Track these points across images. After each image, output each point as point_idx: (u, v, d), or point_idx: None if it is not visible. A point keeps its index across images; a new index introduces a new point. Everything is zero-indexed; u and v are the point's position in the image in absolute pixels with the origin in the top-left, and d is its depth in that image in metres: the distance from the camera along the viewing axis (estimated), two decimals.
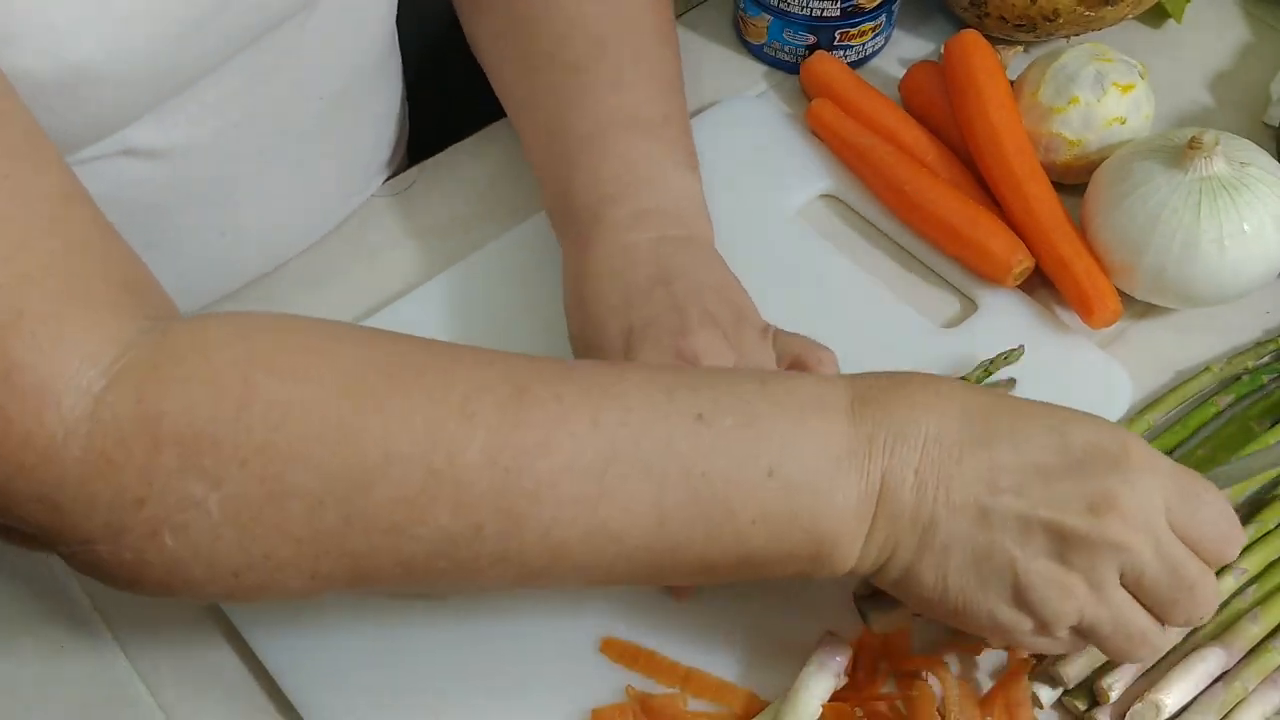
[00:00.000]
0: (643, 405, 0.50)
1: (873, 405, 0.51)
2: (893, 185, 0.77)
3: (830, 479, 0.50)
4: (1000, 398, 0.54)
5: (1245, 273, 0.70)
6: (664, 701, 0.59)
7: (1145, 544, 0.50)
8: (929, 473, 0.50)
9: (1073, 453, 0.50)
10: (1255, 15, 0.92)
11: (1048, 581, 0.50)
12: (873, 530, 0.51)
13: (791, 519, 0.50)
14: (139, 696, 0.61)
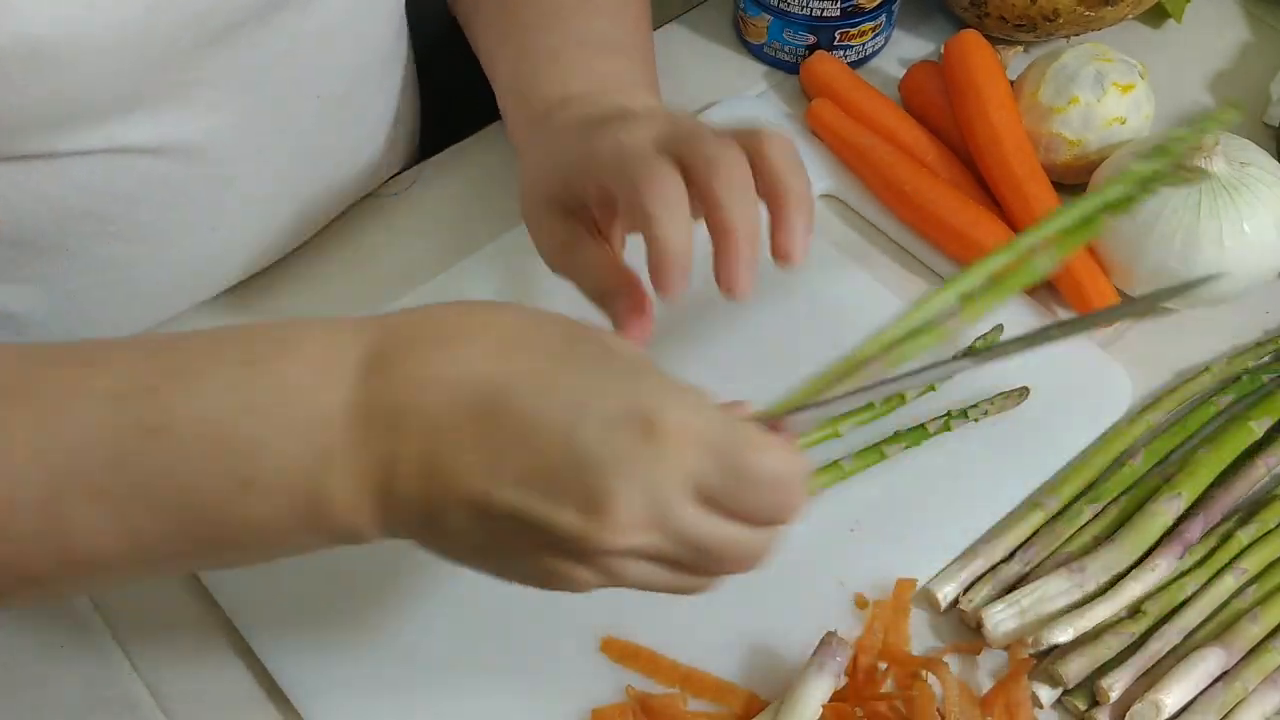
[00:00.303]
0: (90, 422, 0.45)
1: (382, 374, 0.46)
2: (893, 185, 0.77)
3: (317, 480, 0.46)
4: (532, 361, 0.46)
5: (1245, 273, 0.70)
6: (664, 701, 0.59)
7: (648, 537, 0.45)
8: (432, 460, 0.45)
9: (584, 446, 0.44)
10: (1255, 15, 0.92)
11: (551, 574, 0.47)
12: (380, 517, 0.47)
13: (284, 522, 0.46)
14: (139, 697, 0.61)
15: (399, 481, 0.46)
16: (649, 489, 0.44)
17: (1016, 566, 0.63)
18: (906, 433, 0.67)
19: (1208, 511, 0.64)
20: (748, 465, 0.45)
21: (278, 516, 0.46)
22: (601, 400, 0.45)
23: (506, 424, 0.45)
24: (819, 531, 0.65)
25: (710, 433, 0.45)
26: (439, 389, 0.45)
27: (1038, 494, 0.67)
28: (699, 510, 0.45)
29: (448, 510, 0.46)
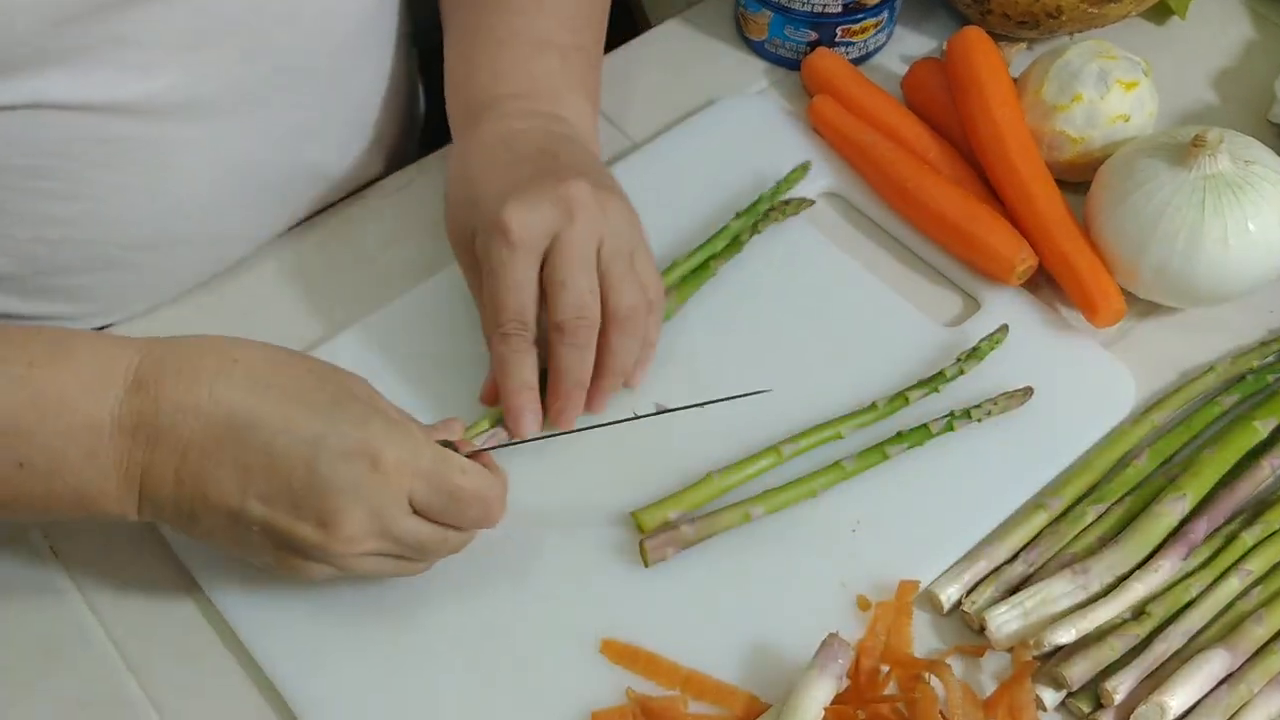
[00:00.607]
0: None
1: (146, 393, 0.54)
2: (895, 183, 0.77)
3: (84, 469, 0.54)
4: (279, 398, 0.55)
5: (1249, 272, 0.69)
6: (664, 704, 0.59)
7: (373, 544, 0.56)
8: (187, 474, 0.55)
9: (320, 474, 0.54)
10: (1260, 12, 0.91)
11: (292, 569, 0.57)
12: (144, 509, 0.56)
13: (55, 501, 0.55)
14: (135, 697, 0.61)
15: (159, 487, 0.55)
16: (373, 509, 0.55)
17: (1020, 568, 0.63)
18: (909, 433, 0.66)
19: (1212, 512, 0.64)
20: (455, 487, 0.57)
21: (50, 495, 0.55)
22: (337, 438, 0.55)
23: (255, 450, 0.54)
24: (821, 532, 0.65)
25: (424, 463, 0.56)
26: (194, 415, 0.54)
27: (1041, 495, 0.66)
28: (415, 520, 0.57)
29: (203, 514, 0.55)
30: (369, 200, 0.80)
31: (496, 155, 0.67)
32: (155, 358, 0.56)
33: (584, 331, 0.64)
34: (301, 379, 0.56)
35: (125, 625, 0.63)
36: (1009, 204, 0.76)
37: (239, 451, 0.54)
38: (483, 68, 0.72)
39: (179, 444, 0.54)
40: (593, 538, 0.64)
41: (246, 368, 0.56)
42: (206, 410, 0.54)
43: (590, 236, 0.64)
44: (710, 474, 0.65)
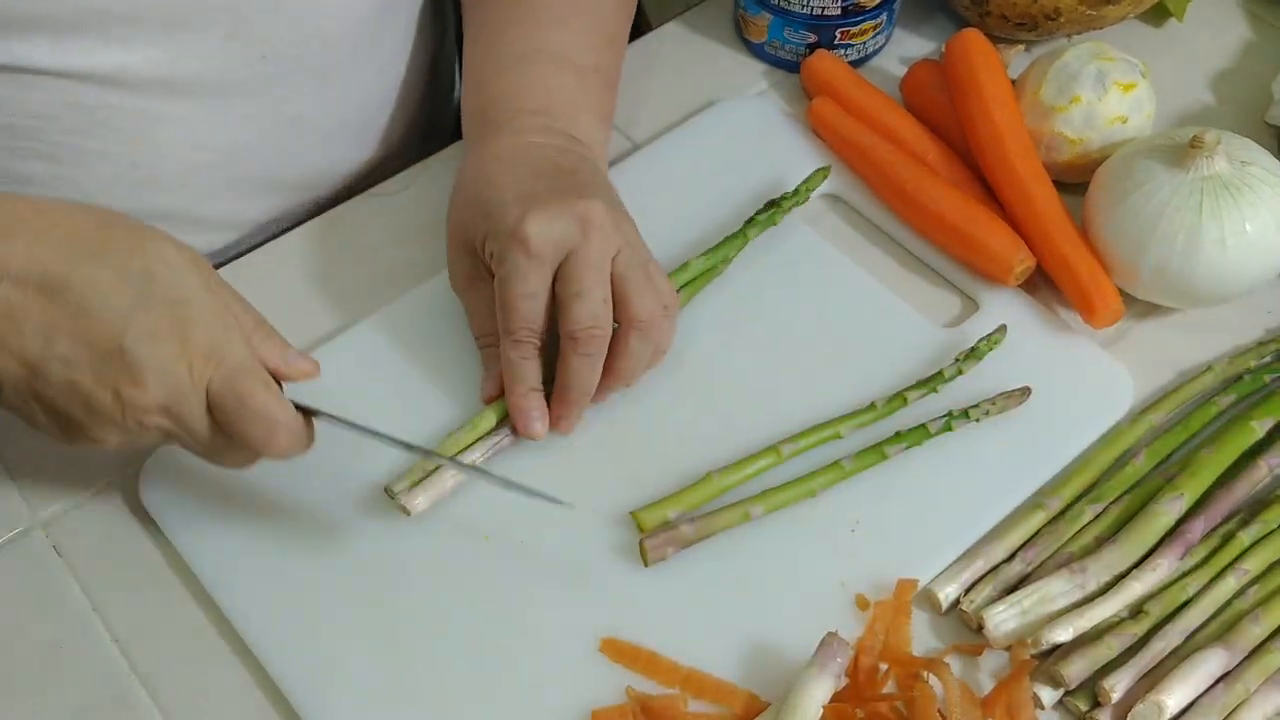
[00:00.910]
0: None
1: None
2: (894, 184, 0.77)
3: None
4: (94, 266, 0.55)
5: (1247, 272, 0.70)
6: (664, 702, 0.59)
7: (162, 419, 0.56)
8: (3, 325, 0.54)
9: (126, 339, 0.54)
10: (1257, 14, 0.92)
11: (83, 430, 0.57)
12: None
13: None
14: (138, 697, 0.61)
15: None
16: (171, 387, 0.55)
17: (1018, 567, 0.63)
18: (908, 433, 0.66)
19: (1209, 512, 0.64)
20: (248, 393, 0.56)
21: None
22: (145, 311, 0.54)
23: (63, 312, 0.54)
24: (820, 532, 0.65)
25: (230, 359, 0.56)
26: (8, 276, 0.54)
27: (1039, 494, 0.67)
28: (204, 413, 0.57)
29: (3, 360, 0.55)
30: (371, 200, 0.80)
31: (511, 167, 0.68)
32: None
33: (597, 341, 0.64)
34: (121, 245, 0.56)
35: (129, 627, 0.63)
36: (1007, 205, 0.76)
37: (47, 314, 0.54)
38: (502, 80, 0.72)
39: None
40: (592, 537, 0.65)
41: (66, 231, 0.55)
42: (18, 271, 0.54)
43: (605, 252, 0.64)
44: (710, 474, 0.65)
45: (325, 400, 0.66)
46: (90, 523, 0.66)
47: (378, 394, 0.70)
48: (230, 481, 0.66)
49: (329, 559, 0.64)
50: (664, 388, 0.70)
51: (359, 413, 0.68)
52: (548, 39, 0.73)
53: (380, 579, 0.63)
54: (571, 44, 0.73)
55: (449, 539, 0.65)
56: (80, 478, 0.68)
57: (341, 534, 0.65)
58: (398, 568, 0.64)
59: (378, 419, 0.68)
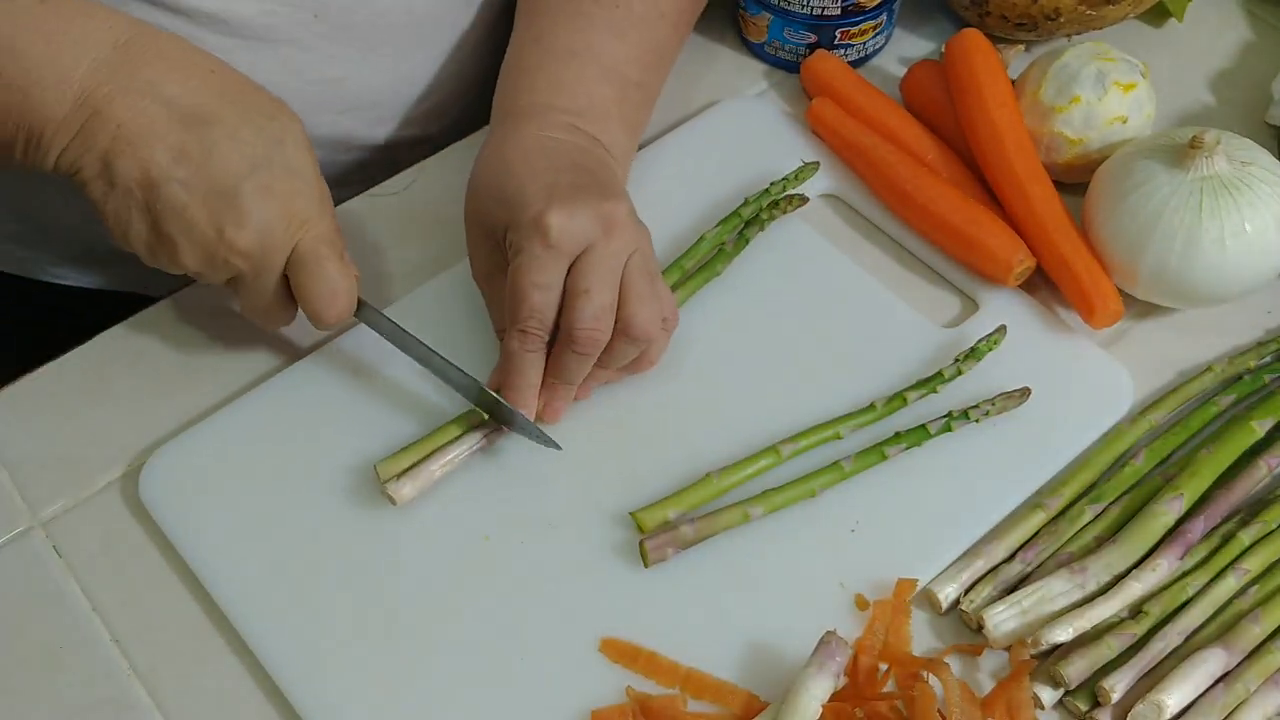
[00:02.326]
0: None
1: (129, 55, 0.60)
2: (893, 185, 0.77)
3: (47, 89, 0.60)
4: (237, 110, 0.62)
5: (1247, 272, 0.70)
6: (664, 702, 0.59)
7: (247, 262, 0.62)
8: (133, 129, 0.60)
9: (244, 185, 0.61)
10: (1257, 14, 0.92)
11: (172, 249, 0.62)
12: (68, 146, 0.61)
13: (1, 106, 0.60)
14: (138, 697, 0.61)
15: (98, 129, 0.60)
16: (266, 236, 0.62)
17: (1018, 567, 0.63)
18: (907, 433, 0.66)
19: (1209, 512, 0.64)
20: (326, 257, 0.63)
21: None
22: (268, 172, 0.61)
23: (199, 143, 0.60)
24: (820, 532, 0.65)
25: (322, 229, 0.64)
26: (162, 92, 0.60)
27: (1039, 494, 0.67)
28: (280, 269, 0.63)
29: (124, 168, 0.60)
30: (370, 200, 0.80)
31: (536, 157, 0.67)
32: (152, 35, 0.62)
33: (594, 343, 0.64)
34: (264, 107, 0.63)
35: (129, 627, 0.63)
36: (1007, 205, 0.76)
37: (184, 140, 0.60)
38: (544, 71, 0.72)
39: (137, 106, 0.60)
40: (592, 537, 0.65)
41: (220, 79, 0.62)
42: (173, 95, 0.60)
43: (621, 254, 0.64)
44: (710, 474, 0.65)
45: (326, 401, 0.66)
46: (90, 523, 0.66)
47: (378, 394, 0.70)
48: (230, 482, 0.67)
49: (329, 559, 0.64)
50: (664, 388, 0.70)
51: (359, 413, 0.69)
52: (602, 45, 0.73)
53: (380, 579, 0.63)
54: (624, 56, 0.73)
55: (449, 539, 0.65)
56: (80, 478, 0.68)
57: (341, 535, 0.65)
58: (398, 568, 0.64)
59: (378, 419, 0.69)
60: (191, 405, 0.70)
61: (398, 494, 0.64)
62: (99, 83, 0.60)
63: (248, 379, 0.71)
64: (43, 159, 0.61)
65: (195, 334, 0.73)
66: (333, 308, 0.64)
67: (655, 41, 0.75)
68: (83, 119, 0.60)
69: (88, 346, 0.73)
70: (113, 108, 0.60)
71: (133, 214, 0.61)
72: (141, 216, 0.61)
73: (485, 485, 0.66)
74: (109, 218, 0.62)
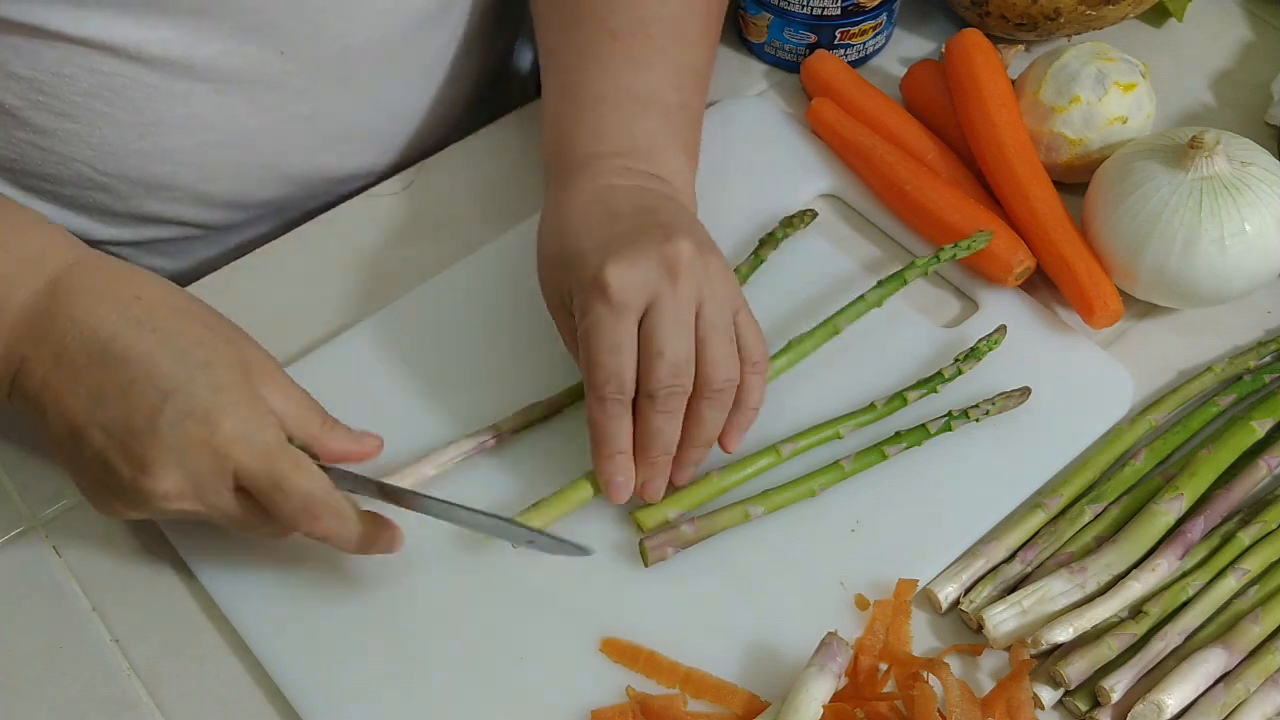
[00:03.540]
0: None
1: (56, 297, 0.58)
2: (893, 185, 0.77)
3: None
4: (155, 342, 0.58)
5: (1246, 272, 0.70)
6: (664, 702, 0.59)
7: (183, 504, 0.57)
8: (52, 380, 0.58)
9: (159, 420, 0.56)
10: (1257, 14, 0.92)
11: (108, 502, 0.60)
12: (10, 393, 0.59)
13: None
14: (138, 697, 0.61)
15: (27, 379, 0.58)
16: (193, 475, 0.57)
17: (1018, 567, 0.63)
18: (907, 433, 0.66)
19: (1209, 512, 0.64)
20: (280, 475, 0.57)
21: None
22: (185, 398, 0.56)
23: (113, 384, 0.57)
24: (820, 532, 0.65)
25: (260, 444, 0.57)
26: (81, 332, 0.57)
27: (1039, 494, 0.67)
28: (231, 496, 0.58)
29: (53, 420, 0.58)
30: (370, 200, 0.80)
31: (592, 212, 0.65)
32: (82, 267, 0.59)
33: (675, 400, 0.62)
34: (190, 333, 0.59)
35: (128, 627, 0.63)
36: (1007, 205, 0.76)
37: (101, 379, 0.57)
38: (580, 123, 0.70)
39: (58, 351, 0.57)
40: (592, 537, 0.65)
41: (145, 306, 0.59)
42: (90, 332, 0.57)
43: (690, 300, 0.61)
44: (710, 474, 0.65)
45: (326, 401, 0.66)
46: (90, 523, 0.66)
47: (378, 396, 0.70)
48: None
49: (329, 558, 0.64)
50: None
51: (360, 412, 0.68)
52: (632, 79, 0.70)
53: (380, 578, 0.63)
54: (655, 82, 0.71)
55: (449, 539, 0.65)
56: None
57: None
58: (398, 567, 0.64)
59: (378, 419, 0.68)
60: None
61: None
62: (21, 335, 0.58)
63: None
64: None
65: None
66: (316, 523, 0.58)
67: (685, 61, 0.73)
68: (13, 371, 0.59)
69: None
70: (37, 356, 0.58)
71: (72, 464, 0.59)
72: (78, 467, 0.59)
73: (486, 485, 0.66)
74: (63, 466, 0.60)
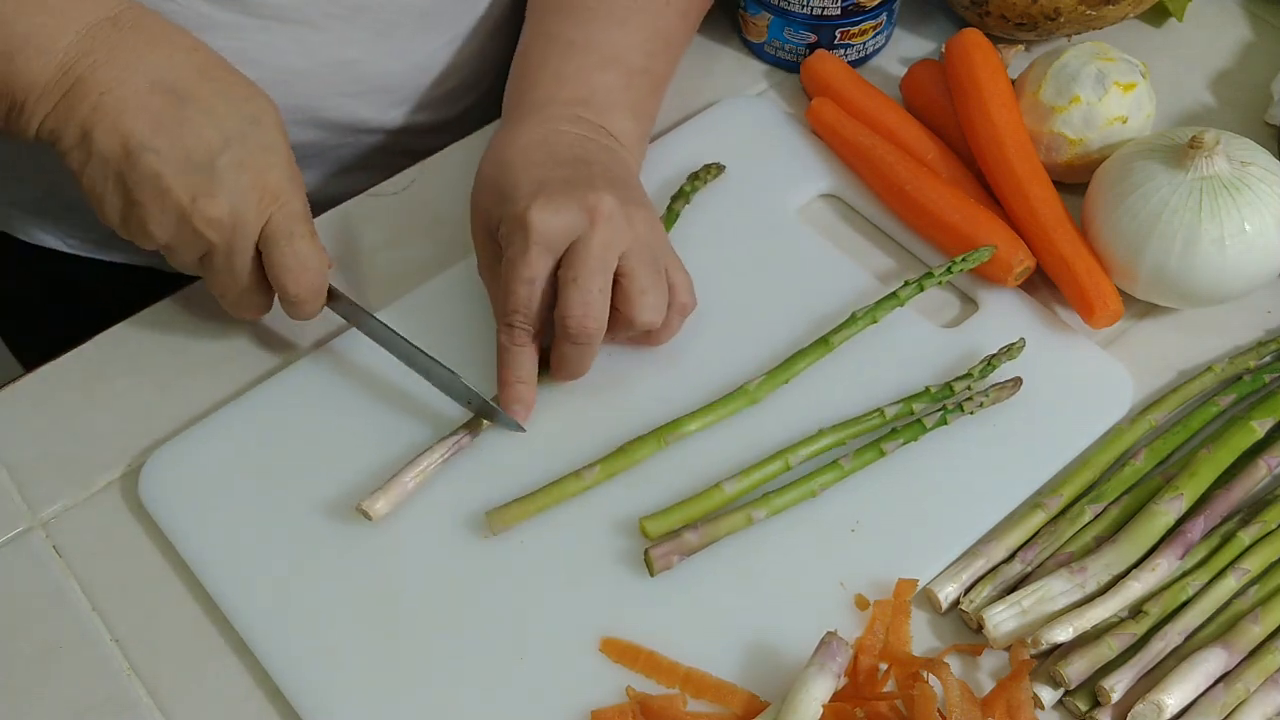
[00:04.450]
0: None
1: (116, 28, 0.62)
2: (893, 184, 0.77)
3: (31, 56, 0.61)
4: (211, 81, 0.63)
5: (1246, 272, 0.70)
6: (663, 702, 0.59)
7: (219, 234, 0.63)
8: (111, 100, 0.61)
9: (220, 158, 0.62)
10: (1257, 14, 0.92)
11: (142, 221, 0.63)
12: (49, 114, 0.62)
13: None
14: (138, 697, 0.61)
15: (78, 98, 0.61)
16: (238, 208, 0.63)
17: (1018, 567, 0.63)
18: (904, 429, 0.66)
19: (1209, 512, 0.64)
20: (297, 233, 0.64)
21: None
22: (242, 147, 0.63)
23: (176, 115, 0.61)
24: (820, 532, 0.65)
25: (293, 206, 0.64)
26: (147, 64, 0.62)
27: (1039, 494, 0.67)
28: (252, 244, 0.64)
29: (102, 138, 0.61)
30: (370, 200, 0.80)
31: (534, 152, 0.68)
32: (140, 11, 0.63)
33: (585, 334, 0.64)
34: (240, 87, 0.64)
35: (128, 626, 0.63)
36: (1007, 205, 0.76)
37: (162, 109, 0.61)
38: (546, 66, 0.73)
39: (118, 77, 0.61)
40: (592, 536, 0.65)
41: (203, 56, 0.64)
42: (158, 62, 0.62)
43: (608, 245, 0.64)
44: (720, 483, 0.65)
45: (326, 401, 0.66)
46: (90, 523, 0.66)
47: (378, 395, 0.70)
48: (230, 482, 0.67)
49: (329, 559, 0.64)
50: (662, 388, 0.70)
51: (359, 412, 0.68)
52: (603, 35, 0.73)
53: (380, 578, 0.63)
54: (626, 43, 0.74)
55: (449, 538, 0.65)
56: (80, 478, 0.68)
57: (341, 534, 0.65)
58: (398, 567, 0.64)
59: (378, 417, 0.69)
60: (191, 405, 0.70)
61: (372, 509, 0.64)
62: (84, 52, 0.61)
63: (247, 379, 0.71)
64: (25, 126, 0.62)
65: (195, 334, 0.73)
66: (301, 281, 0.65)
67: (659, 28, 0.75)
68: (65, 87, 0.61)
69: (88, 346, 0.73)
70: (95, 76, 0.61)
71: (108, 184, 0.62)
72: (116, 186, 0.62)
73: (487, 485, 0.66)
74: (85, 187, 0.63)
